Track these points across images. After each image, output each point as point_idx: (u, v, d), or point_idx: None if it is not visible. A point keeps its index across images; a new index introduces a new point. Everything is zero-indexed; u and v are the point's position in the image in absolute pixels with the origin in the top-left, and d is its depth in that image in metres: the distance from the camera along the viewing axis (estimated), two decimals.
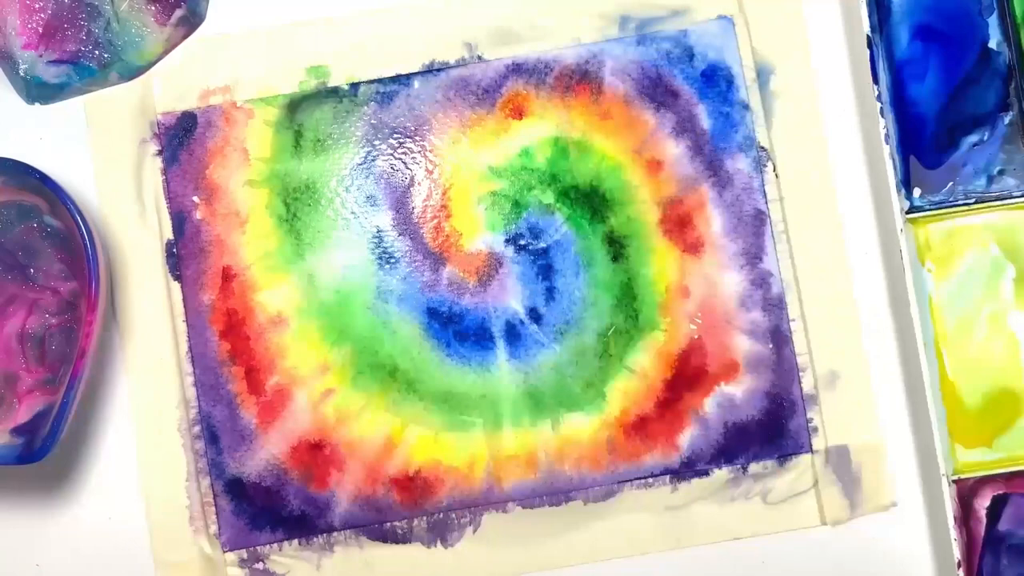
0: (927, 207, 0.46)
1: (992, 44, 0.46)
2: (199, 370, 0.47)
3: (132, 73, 0.47)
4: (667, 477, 0.46)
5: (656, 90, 0.48)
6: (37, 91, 0.47)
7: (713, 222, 0.47)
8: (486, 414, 0.46)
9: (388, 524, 0.46)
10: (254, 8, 0.48)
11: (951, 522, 0.43)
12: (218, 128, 0.47)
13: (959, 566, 0.43)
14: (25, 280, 0.45)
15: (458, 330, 0.47)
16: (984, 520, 0.45)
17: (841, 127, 0.47)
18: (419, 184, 0.47)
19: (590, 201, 0.47)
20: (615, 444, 0.46)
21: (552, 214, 0.47)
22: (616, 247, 0.47)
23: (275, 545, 0.46)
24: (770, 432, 0.46)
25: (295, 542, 0.46)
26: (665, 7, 0.48)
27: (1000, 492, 0.45)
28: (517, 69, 0.48)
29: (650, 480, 0.46)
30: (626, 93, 0.48)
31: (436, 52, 0.48)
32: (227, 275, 0.47)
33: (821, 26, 0.48)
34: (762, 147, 0.47)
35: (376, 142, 0.47)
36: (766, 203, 0.47)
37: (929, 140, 0.46)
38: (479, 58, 0.48)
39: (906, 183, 0.46)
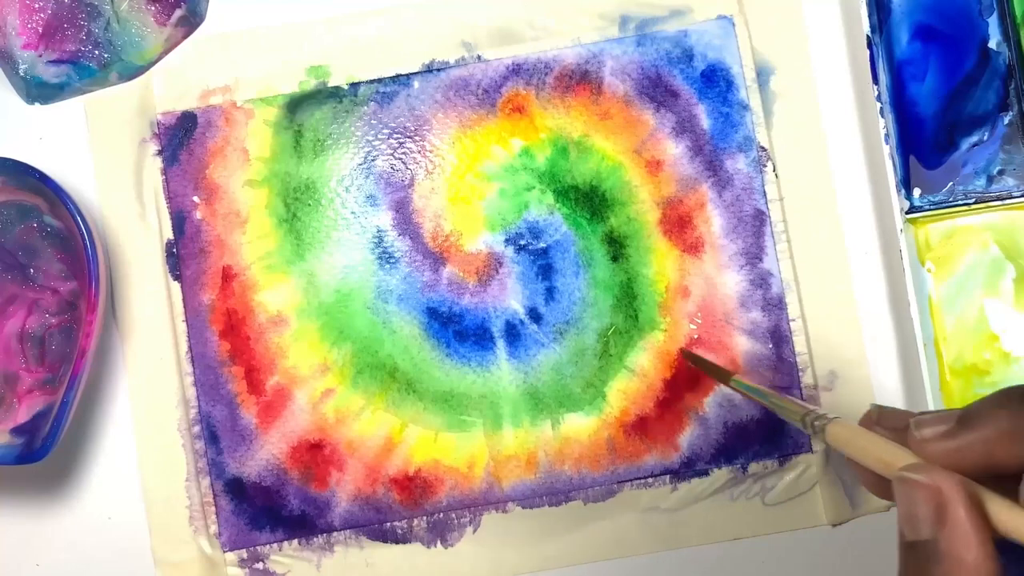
0: (927, 207, 0.46)
1: (992, 44, 0.46)
2: (199, 370, 0.47)
3: (132, 73, 0.47)
4: (667, 477, 0.46)
5: (656, 90, 0.48)
6: (37, 91, 0.47)
7: (713, 222, 0.47)
8: (486, 414, 0.46)
9: (388, 524, 0.46)
10: (254, 8, 0.48)
11: None
12: (218, 128, 0.47)
13: None
14: (25, 280, 0.45)
15: (458, 330, 0.47)
16: None
17: (841, 127, 0.47)
18: (419, 184, 0.47)
19: (590, 201, 0.47)
20: (615, 444, 0.46)
21: (552, 214, 0.47)
22: (616, 247, 0.47)
23: (275, 545, 0.46)
24: (770, 432, 0.46)
25: (295, 542, 0.46)
26: (665, 7, 0.48)
27: None
28: (517, 69, 0.48)
29: (650, 480, 0.46)
30: (626, 93, 0.48)
31: (436, 52, 0.48)
32: (227, 275, 0.47)
33: (821, 26, 0.48)
34: (762, 147, 0.47)
35: (376, 142, 0.47)
36: (766, 203, 0.47)
37: (929, 140, 0.46)
38: (479, 58, 0.48)
39: (906, 183, 0.46)
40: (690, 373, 0.47)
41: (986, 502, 0.28)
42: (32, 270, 0.45)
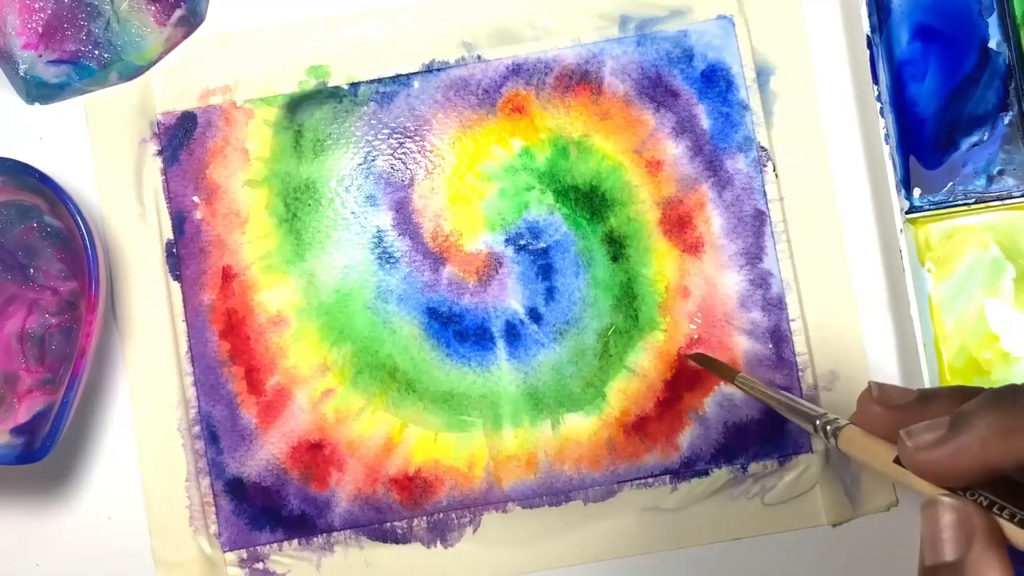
0: (927, 207, 0.46)
1: (992, 44, 0.46)
2: (199, 370, 0.47)
3: (132, 73, 0.47)
4: (667, 477, 0.46)
5: (656, 90, 0.48)
6: (37, 91, 0.47)
7: (713, 222, 0.47)
8: (486, 414, 0.46)
9: (388, 524, 0.46)
10: (254, 8, 0.48)
11: None
12: (218, 128, 0.47)
13: None
14: (25, 280, 0.45)
15: (458, 330, 0.47)
16: None
17: (841, 127, 0.47)
18: (419, 184, 0.47)
19: (590, 201, 0.47)
20: (615, 444, 0.46)
21: (552, 214, 0.47)
22: (616, 247, 0.47)
23: (275, 545, 0.46)
24: (770, 432, 0.46)
25: (295, 542, 0.46)
26: (665, 7, 0.48)
27: None
28: (517, 69, 0.48)
29: (650, 480, 0.46)
30: (626, 93, 0.48)
31: (436, 52, 0.48)
32: (227, 275, 0.47)
33: (821, 26, 0.48)
34: (762, 147, 0.47)
35: (376, 142, 0.47)
36: (766, 203, 0.47)
37: (929, 140, 0.46)
38: (479, 58, 0.48)
39: (906, 183, 0.46)
40: (690, 373, 0.47)
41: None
42: (32, 270, 0.45)
